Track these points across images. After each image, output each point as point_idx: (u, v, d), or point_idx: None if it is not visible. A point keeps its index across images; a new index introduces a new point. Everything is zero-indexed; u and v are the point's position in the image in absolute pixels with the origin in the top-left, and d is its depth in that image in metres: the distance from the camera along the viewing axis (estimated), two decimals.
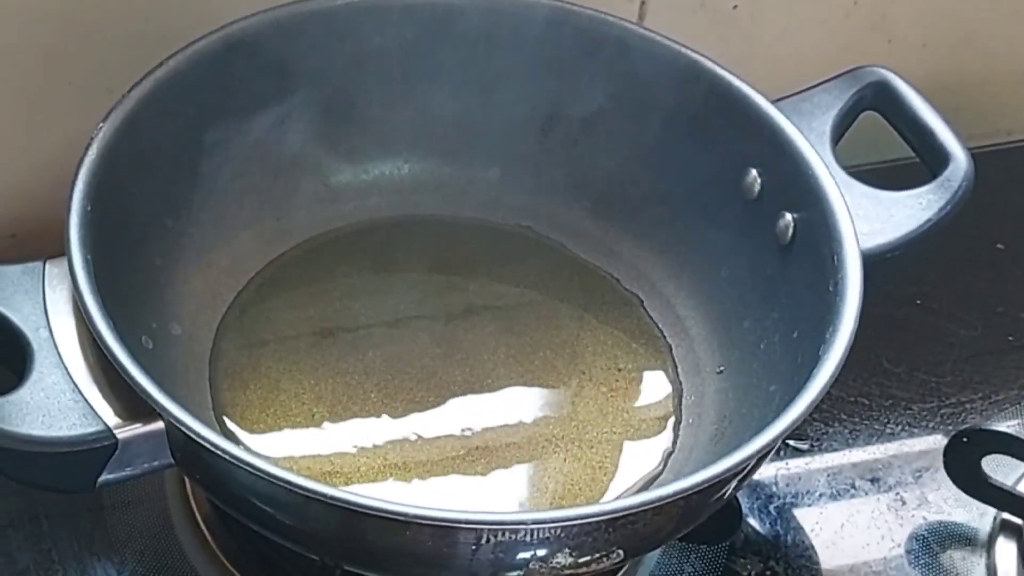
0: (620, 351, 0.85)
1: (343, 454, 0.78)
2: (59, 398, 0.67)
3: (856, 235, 0.75)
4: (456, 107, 0.87)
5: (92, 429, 0.67)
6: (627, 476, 0.79)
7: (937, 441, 0.88)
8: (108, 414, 0.67)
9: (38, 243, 0.75)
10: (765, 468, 0.85)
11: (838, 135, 0.83)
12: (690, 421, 0.82)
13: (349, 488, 0.76)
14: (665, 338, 0.86)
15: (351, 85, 0.85)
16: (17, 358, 0.69)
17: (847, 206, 0.77)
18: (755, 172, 0.82)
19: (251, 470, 0.64)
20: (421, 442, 0.79)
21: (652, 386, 0.83)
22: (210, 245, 0.83)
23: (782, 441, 0.69)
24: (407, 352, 0.83)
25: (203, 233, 0.83)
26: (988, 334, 0.95)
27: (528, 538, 0.65)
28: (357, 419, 0.80)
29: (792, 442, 0.88)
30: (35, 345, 0.69)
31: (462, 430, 0.80)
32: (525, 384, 0.82)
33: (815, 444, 0.88)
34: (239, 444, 0.77)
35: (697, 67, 0.83)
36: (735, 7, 0.96)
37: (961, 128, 0.82)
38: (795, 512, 0.85)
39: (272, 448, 0.78)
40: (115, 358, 0.66)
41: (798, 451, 0.87)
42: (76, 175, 0.72)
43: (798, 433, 0.87)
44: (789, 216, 0.80)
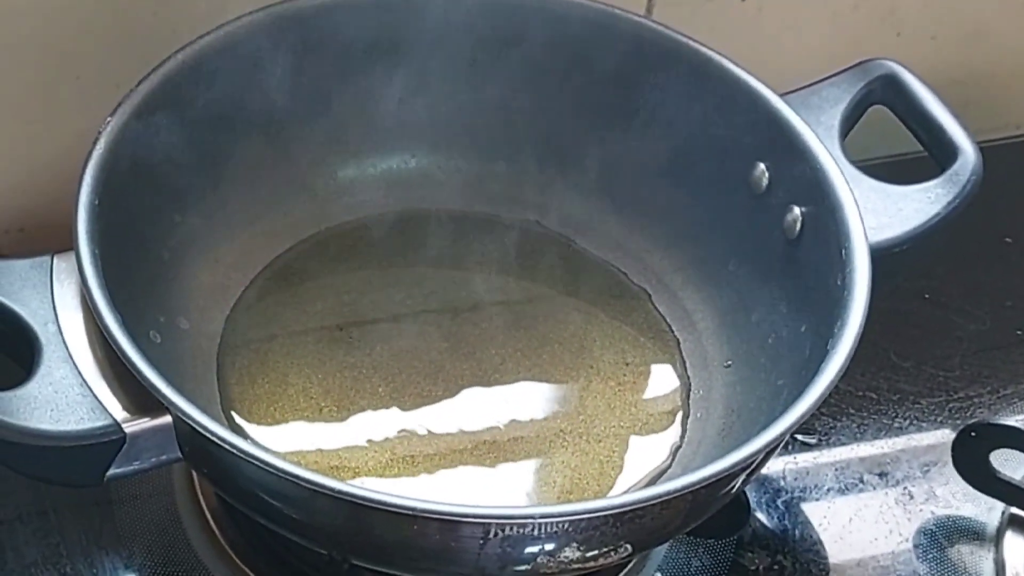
0: (628, 345, 0.85)
1: (351, 448, 0.78)
2: (67, 392, 0.67)
3: (864, 229, 0.75)
4: (463, 101, 0.87)
5: (100, 423, 0.67)
6: (635, 470, 0.79)
7: (945, 435, 0.88)
8: (116, 408, 0.67)
9: (46, 237, 0.75)
10: (773, 462, 0.85)
11: (846, 129, 0.83)
12: (698, 415, 0.82)
13: (357, 482, 0.76)
14: (673, 332, 0.85)
15: (359, 79, 0.85)
16: (25, 352, 0.69)
17: (855, 200, 0.77)
18: (763, 166, 0.82)
19: (259, 464, 0.64)
20: (429, 436, 0.79)
21: (660, 380, 0.83)
22: (218, 240, 0.83)
23: (790, 435, 0.69)
24: (415, 347, 0.83)
25: (211, 228, 0.83)
26: (996, 328, 0.95)
27: (536, 532, 0.65)
28: (365, 413, 0.80)
29: (800, 436, 0.87)
30: (43, 339, 0.69)
31: (470, 424, 0.80)
32: (533, 379, 0.82)
33: (823, 438, 0.88)
34: (247, 438, 0.77)
35: (705, 60, 0.83)
36: (743, 0, 0.96)
37: (970, 122, 0.82)
38: (803, 506, 0.85)
39: (280, 442, 0.78)
40: (123, 352, 0.66)
41: (806, 445, 0.87)
42: (84, 169, 0.72)
43: (806, 427, 0.87)
44: (797, 210, 0.80)
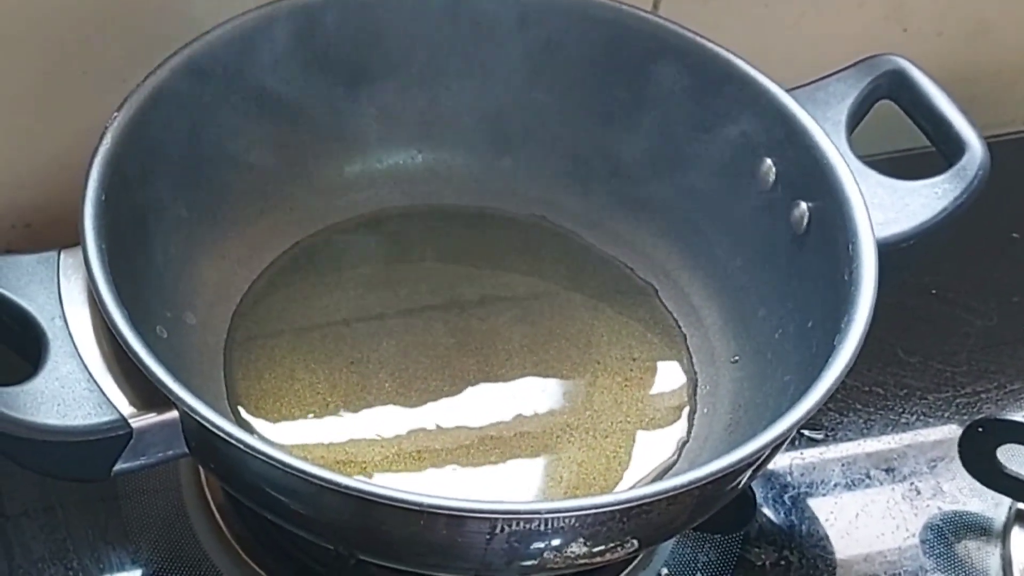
0: (635, 341, 0.85)
1: (357, 443, 0.78)
2: (74, 387, 0.67)
3: (871, 224, 0.75)
4: (470, 96, 0.87)
5: (107, 418, 0.67)
6: (642, 466, 0.79)
7: (952, 431, 0.88)
8: (123, 403, 0.67)
9: (53, 232, 0.75)
10: (780, 458, 0.85)
11: (853, 124, 0.83)
12: (705, 411, 0.82)
13: (363, 477, 0.76)
14: (680, 328, 0.85)
15: (366, 74, 0.85)
16: (32, 347, 0.69)
17: (862, 195, 0.76)
18: (770, 161, 0.82)
19: (265, 459, 0.64)
20: (435, 431, 0.79)
21: (667, 376, 0.83)
22: (224, 235, 0.83)
23: (797, 431, 0.69)
24: (421, 342, 0.83)
25: (218, 223, 0.83)
26: (1003, 324, 0.95)
27: (543, 528, 0.65)
28: (371, 408, 0.80)
29: (807, 432, 0.87)
30: (50, 334, 0.69)
31: (476, 420, 0.80)
32: (539, 374, 0.82)
33: (830, 434, 0.88)
34: (253, 433, 0.77)
35: (712, 56, 0.82)
36: None
37: (976, 117, 0.82)
38: (810, 502, 0.85)
39: (286, 437, 0.78)
40: (130, 347, 0.66)
41: (813, 441, 0.87)
42: (91, 164, 0.72)
43: (813, 423, 0.87)
44: (804, 205, 0.79)
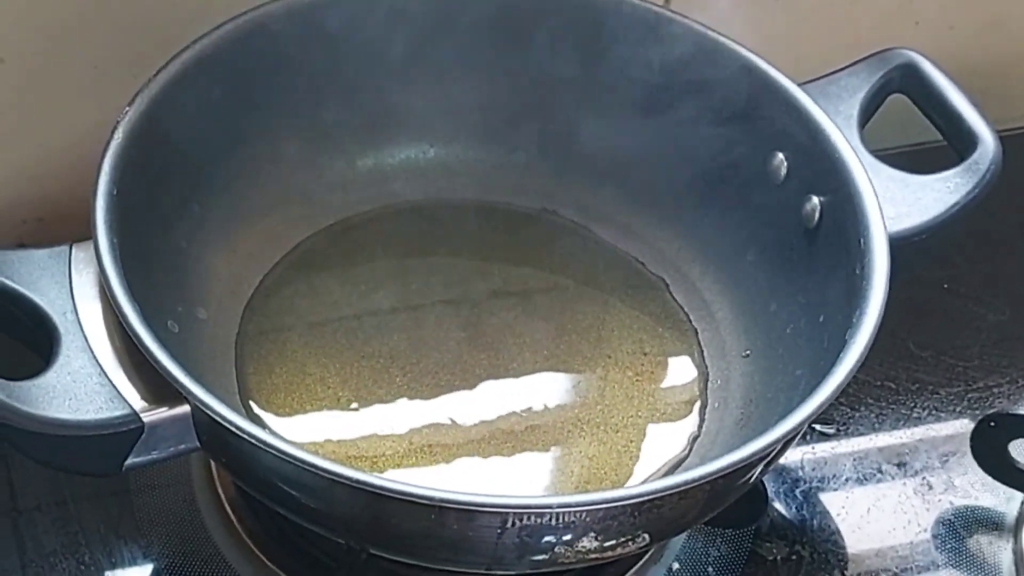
0: (646, 335, 0.85)
1: (369, 438, 0.78)
2: (85, 382, 0.68)
3: (883, 219, 0.75)
4: (481, 91, 0.87)
5: (118, 413, 0.67)
6: (653, 460, 0.79)
7: (964, 425, 0.88)
8: (134, 398, 0.67)
9: (64, 227, 0.75)
10: (791, 452, 0.85)
11: (865, 118, 0.83)
12: (716, 405, 0.82)
13: (375, 472, 0.76)
14: (691, 322, 0.85)
15: (377, 69, 0.85)
16: (44, 342, 0.69)
17: (874, 189, 0.76)
18: (782, 155, 0.81)
19: (277, 454, 0.64)
20: (446, 426, 0.79)
21: (678, 370, 0.83)
22: (236, 229, 0.84)
23: (808, 425, 0.69)
24: (432, 336, 0.83)
25: (229, 217, 0.83)
26: (1016, 318, 0.95)
27: (554, 522, 0.65)
28: (383, 403, 0.80)
29: (818, 426, 0.87)
30: (62, 329, 0.69)
31: (488, 414, 0.80)
32: (550, 368, 0.82)
33: (841, 428, 0.88)
34: (265, 428, 0.77)
35: (723, 50, 0.82)
36: None
37: (989, 111, 0.82)
38: (821, 496, 0.84)
39: (298, 432, 0.78)
40: (141, 342, 0.66)
41: (824, 435, 0.87)
42: (102, 159, 0.72)
43: (824, 417, 0.87)
44: (816, 199, 0.79)
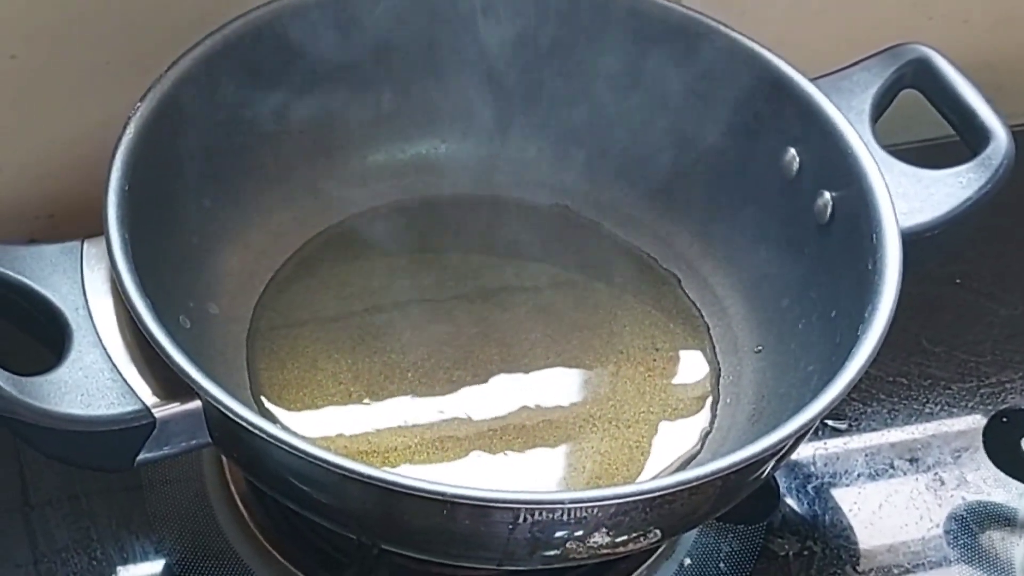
0: (658, 331, 0.84)
1: (380, 433, 0.78)
2: (97, 377, 0.68)
3: (895, 214, 0.75)
4: (493, 87, 0.87)
5: (130, 408, 0.67)
6: (664, 456, 0.79)
7: (976, 421, 0.88)
8: (146, 393, 0.67)
9: (76, 223, 0.75)
10: (803, 448, 0.85)
11: (878, 113, 0.83)
12: (728, 401, 0.82)
13: (386, 467, 0.76)
14: (703, 317, 0.85)
15: (390, 65, 0.85)
16: (56, 337, 0.70)
17: (886, 185, 0.76)
18: (794, 151, 0.81)
19: (288, 449, 0.64)
20: (458, 421, 0.79)
21: (690, 366, 0.83)
22: (247, 224, 0.84)
23: (820, 421, 0.69)
24: (444, 332, 0.83)
25: (241, 212, 0.83)
26: None
27: (565, 517, 0.65)
28: (394, 398, 0.80)
29: (830, 422, 0.87)
30: (73, 324, 0.69)
31: (499, 410, 0.80)
32: (562, 364, 0.82)
33: (853, 424, 0.88)
34: (276, 423, 0.77)
35: (735, 45, 0.82)
36: None
37: (1002, 106, 0.82)
38: (833, 492, 0.84)
39: (309, 427, 0.78)
40: (153, 337, 0.66)
41: (836, 431, 0.87)
42: (114, 155, 0.73)
43: (836, 413, 0.86)
44: (828, 195, 0.79)
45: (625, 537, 0.67)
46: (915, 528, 0.83)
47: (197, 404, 0.67)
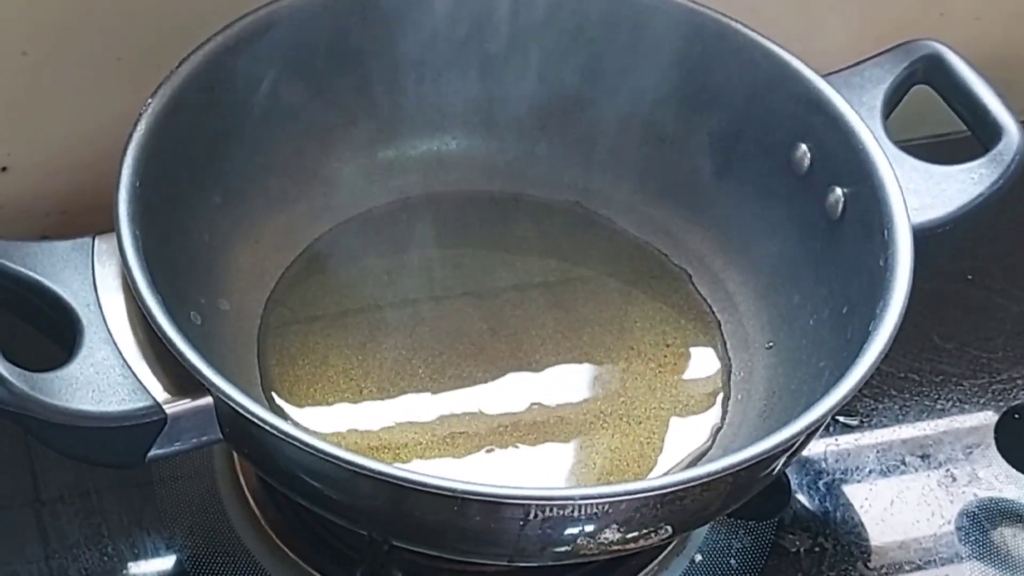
0: (669, 327, 0.84)
1: (391, 429, 0.78)
2: (108, 373, 0.68)
3: (907, 210, 0.75)
4: (504, 83, 0.87)
5: (141, 404, 0.67)
6: (675, 452, 0.79)
7: (988, 417, 0.88)
8: (157, 389, 0.68)
9: (87, 219, 0.75)
10: (814, 444, 0.84)
11: (889, 109, 0.83)
12: (739, 397, 0.81)
13: (397, 463, 0.76)
14: (714, 313, 0.85)
15: (400, 61, 0.85)
16: (67, 333, 0.70)
17: (898, 181, 0.76)
18: (805, 147, 0.81)
19: (299, 445, 0.64)
20: (469, 417, 0.79)
21: (701, 362, 0.83)
22: (258, 221, 0.84)
23: (831, 417, 0.69)
24: (455, 328, 0.83)
25: (252, 209, 0.83)
26: None
27: (576, 514, 0.65)
28: (405, 394, 0.80)
29: (841, 418, 0.87)
30: (85, 321, 0.70)
31: (510, 406, 0.80)
32: (573, 360, 0.82)
33: (864, 420, 0.88)
34: (287, 419, 0.77)
35: (747, 41, 0.82)
36: None
37: (1014, 102, 0.82)
38: (844, 488, 0.84)
39: (320, 423, 0.78)
40: (164, 334, 0.67)
41: (847, 427, 0.87)
42: (125, 151, 0.73)
43: (847, 409, 0.86)
44: (839, 191, 0.79)
45: (636, 533, 0.67)
46: (927, 524, 0.83)
47: (208, 400, 0.67)
